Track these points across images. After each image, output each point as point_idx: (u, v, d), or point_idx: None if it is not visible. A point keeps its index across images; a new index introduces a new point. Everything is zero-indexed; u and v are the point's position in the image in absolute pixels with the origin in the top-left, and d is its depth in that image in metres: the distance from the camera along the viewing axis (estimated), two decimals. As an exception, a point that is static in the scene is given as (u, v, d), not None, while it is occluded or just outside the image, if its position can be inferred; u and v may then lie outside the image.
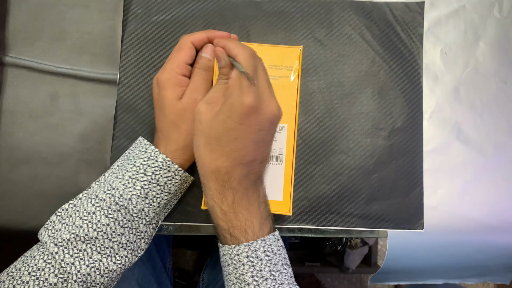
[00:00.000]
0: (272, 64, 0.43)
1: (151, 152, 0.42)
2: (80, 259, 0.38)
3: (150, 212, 0.42)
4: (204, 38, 0.43)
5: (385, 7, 0.51)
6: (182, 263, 1.33)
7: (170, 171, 0.42)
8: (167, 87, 0.42)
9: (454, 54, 0.52)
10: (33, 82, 0.48)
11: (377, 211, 0.50)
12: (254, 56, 0.37)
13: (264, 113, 0.36)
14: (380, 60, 0.51)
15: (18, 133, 0.47)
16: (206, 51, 0.44)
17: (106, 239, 0.39)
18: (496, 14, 0.52)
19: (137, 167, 0.41)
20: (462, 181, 0.51)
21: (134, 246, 0.41)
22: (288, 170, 0.43)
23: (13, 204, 0.47)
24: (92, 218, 0.39)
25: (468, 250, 0.52)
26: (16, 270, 0.38)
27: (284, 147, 0.42)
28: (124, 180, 0.41)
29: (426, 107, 0.51)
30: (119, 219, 0.40)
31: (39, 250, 0.39)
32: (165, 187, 0.42)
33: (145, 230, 0.42)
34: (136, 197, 0.40)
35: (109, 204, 0.40)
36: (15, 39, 0.49)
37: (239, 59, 0.36)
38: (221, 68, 0.39)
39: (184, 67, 0.42)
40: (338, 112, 0.50)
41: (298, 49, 0.43)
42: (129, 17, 0.50)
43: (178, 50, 0.43)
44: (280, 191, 0.43)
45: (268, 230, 0.39)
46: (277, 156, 0.42)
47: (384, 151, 0.50)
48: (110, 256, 0.40)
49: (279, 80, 0.43)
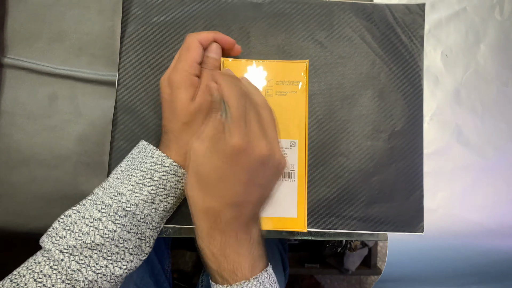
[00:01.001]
0: (279, 80, 0.43)
1: (157, 157, 0.41)
2: (86, 266, 0.38)
3: (156, 217, 0.41)
4: (211, 39, 0.43)
5: (386, 9, 0.51)
6: (181, 265, 1.33)
7: (177, 175, 0.41)
8: (182, 88, 0.40)
9: (455, 57, 0.52)
10: (31, 84, 0.48)
11: (377, 214, 0.49)
12: (242, 96, 0.37)
13: (252, 153, 0.35)
14: (380, 62, 0.51)
15: (17, 135, 0.47)
16: (212, 51, 0.43)
17: (113, 245, 0.39)
18: (497, 17, 0.52)
19: (144, 172, 0.41)
20: (463, 184, 0.51)
21: (139, 250, 0.41)
22: (301, 186, 0.42)
23: (11, 206, 0.47)
24: (99, 225, 0.38)
25: (469, 254, 0.51)
26: (20, 276, 0.37)
27: (296, 163, 0.42)
28: (131, 185, 0.40)
29: (426, 109, 0.51)
30: (126, 224, 0.39)
31: (44, 256, 0.38)
32: (171, 192, 0.42)
33: (151, 235, 0.42)
34: (143, 202, 0.40)
35: (116, 210, 0.39)
36: (14, 40, 0.48)
37: (226, 100, 0.36)
38: (213, 102, 0.38)
39: (196, 67, 0.41)
40: (338, 114, 0.50)
41: (304, 64, 0.43)
42: (129, 18, 0.50)
43: (187, 49, 0.41)
44: (294, 207, 0.43)
45: (261, 269, 0.39)
46: (289, 172, 0.42)
47: (384, 154, 0.50)
48: (117, 262, 0.39)
49: (287, 95, 0.42)
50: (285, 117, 0.42)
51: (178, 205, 0.46)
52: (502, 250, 0.51)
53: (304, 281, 1.39)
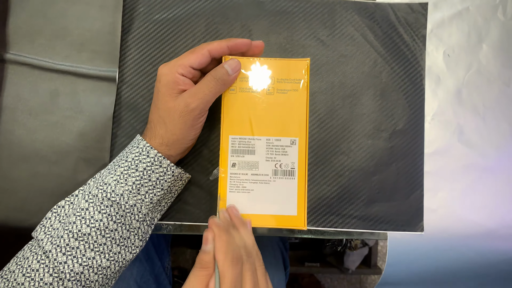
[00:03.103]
0: (280, 77, 0.42)
1: (142, 147, 0.41)
2: (73, 257, 0.38)
3: (142, 208, 0.41)
4: (223, 47, 0.41)
5: (388, 8, 0.51)
6: (182, 262, 1.33)
7: (162, 167, 0.41)
8: (162, 82, 0.40)
9: (457, 56, 0.51)
10: (33, 80, 0.48)
11: (377, 213, 0.49)
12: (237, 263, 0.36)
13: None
14: (382, 61, 0.50)
15: (18, 131, 0.47)
16: (229, 64, 0.41)
17: (99, 235, 0.39)
18: (500, 17, 0.52)
19: (129, 162, 0.41)
20: (463, 184, 0.51)
21: (128, 242, 0.41)
22: (301, 184, 0.42)
23: (12, 201, 0.47)
24: (85, 214, 0.39)
25: (468, 254, 0.51)
26: (10, 272, 0.38)
27: (296, 161, 0.42)
28: (116, 175, 0.40)
29: (428, 109, 0.51)
30: (112, 214, 0.40)
31: (32, 251, 0.39)
32: (157, 183, 0.42)
33: (138, 226, 0.42)
34: (128, 192, 0.40)
35: (101, 200, 0.40)
36: (16, 36, 0.48)
37: (219, 267, 0.35)
38: (203, 253, 0.37)
39: (186, 69, 0.40)
40: (339, 113, 0.50)
41: (305, 62, 0.43)
42: (132, 15, 0.50)
43: (191, 52, 0.41)
44: (294, 205, 0.43)
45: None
46: (289, 170, 0.42)
47: (385, 153, 0.50)
48: (104, 253, 0.39)
49: (288, 93, 0.42)
50: (285, 115, 0.42)
51: (175, 201, 0.47)
52: (502, 252, 0.51)
53: (304, 280, 1.40)
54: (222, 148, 0.42)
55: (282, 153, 0.42)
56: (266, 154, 0.42)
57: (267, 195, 0.42)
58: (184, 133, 0.41)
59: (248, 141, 0.42)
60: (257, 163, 0.42)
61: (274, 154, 0.42)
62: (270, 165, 0.42)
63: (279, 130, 0.42)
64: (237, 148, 0.42)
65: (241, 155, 0.42)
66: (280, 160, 0.42)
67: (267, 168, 0.42)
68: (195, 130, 0.42)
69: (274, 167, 0.42)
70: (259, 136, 0.42)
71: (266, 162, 0.42)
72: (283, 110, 0.42)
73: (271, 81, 0.42)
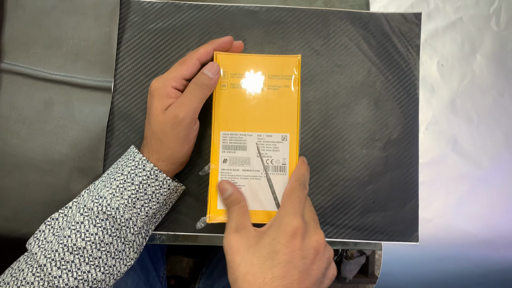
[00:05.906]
0: (271, 74, 0.43)
1: (138, 160, 0.41)
2: (68, 271, 0.38)
3: (138, 221, 0.41)
4: (209, 51, 0.42)
5: (382, 18, 0.51)
6: (178, 271, 1.32)
7: (158, 180, 0.41)
8: (155, 96, 0.40)
9: (451, 66, 0.52)
10: (28, 89, 0.48)
11: (372, 223, 0.49)
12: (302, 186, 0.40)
13: (308, 238, 0.36)
14: (376, 71, 0.51)
15: (12, 140, 0.47)
16: (209, 69, 0.40)
17: (94, 248, 0.39)
18: (493, 27, 0.52)
19: (125, 175, 0.41)
20: (458, 194, 0.50)
21: (123, 255, 0.41)
22: None
23: (4, 211, 0.47)
24: (80, 228, 0.39)
25: (463, 264, 0.51)
26: (5, 284, 0.38)
27: (287, 157, 0.42)
28: (112, 189, 0.40)
29: (422, 118, 0.51)
30: (107, 228, 0.39)
31: (27, 263, 0.39)
32: (153, 197, 0.42)
33: (134, 239, 0.42)
34: (123, 206, 0.40)
35: (96, 213, 0.39)
36: (11, 46, 0.48)
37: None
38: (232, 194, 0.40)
39: (179, 81, 0.41)
40: (333, 122, 0.50)
41: (297, 58, 0.43)
42: (126, 24, 0.50)
43: (181, 63, 0.41)
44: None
45: None
46: (281, 166, 0.42)
47: (379, 163, 0.50)
48: (99, 266, 0.39)
49: (279, 89, 0.43)
50: (277, 111, 0.43)
51: (169, 212, 0.46)
52: (497, 261, 0.51)
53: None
54: (213, 144, 0.42)
55: (273, 149, 0.42)
56: (257, 150, 0.42)
57: (258, 191, 0.42)
58: (178, 146, 0.41)
59: (239, 137, 0.42)
60: (248, 159, 0.42)
61: (265, 150, 0.42)
62: (261, 161, 0.42)
63: (270, 126, 0.42)
64: (228, 144, 0.42)
65: (232, 151, 0.42)
66: (271, 156, 0.42)
67: (258, 164, 0.42)
68: (188, 143, 0.42)
69: (265, 163, 0.42)
70: (251, 132, 0.42)
71: (257, 158, 0.42)
72: (274, 106, 0.43)
73: (263, 77, 0.43)
